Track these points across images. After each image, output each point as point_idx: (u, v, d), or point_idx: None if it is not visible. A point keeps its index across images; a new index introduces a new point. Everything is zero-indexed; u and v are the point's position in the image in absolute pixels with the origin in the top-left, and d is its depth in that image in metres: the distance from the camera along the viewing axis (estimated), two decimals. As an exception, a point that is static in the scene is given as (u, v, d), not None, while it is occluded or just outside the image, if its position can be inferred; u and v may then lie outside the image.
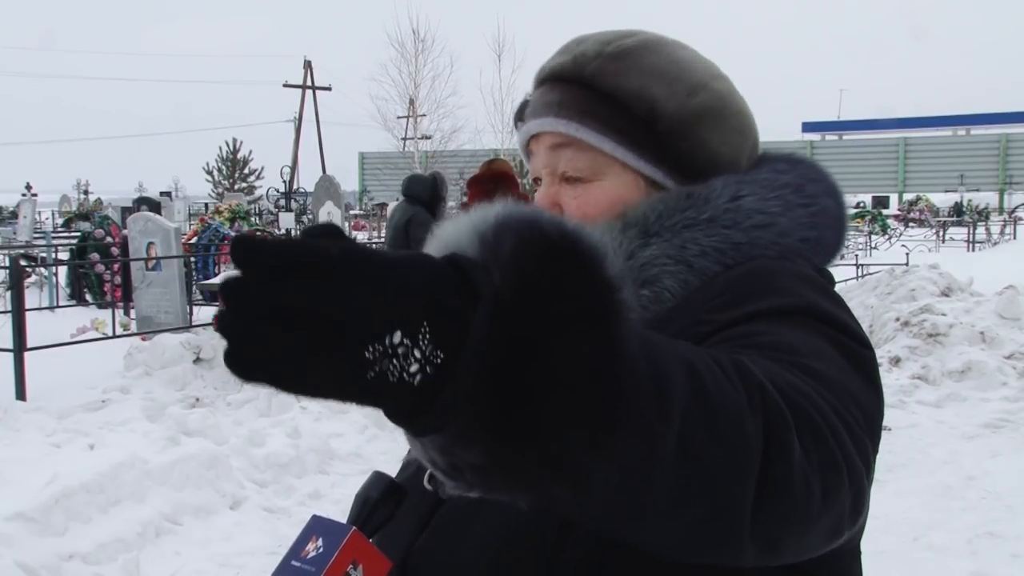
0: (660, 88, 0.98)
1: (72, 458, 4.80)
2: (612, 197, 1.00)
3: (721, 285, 0.94)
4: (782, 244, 0.98)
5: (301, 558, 1.00)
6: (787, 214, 0.99)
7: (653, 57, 0.99)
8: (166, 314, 9.58)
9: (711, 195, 0.98)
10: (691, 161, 0.99)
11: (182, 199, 34.22)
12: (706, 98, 1.00)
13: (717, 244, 0.96)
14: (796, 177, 1.02)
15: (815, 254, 1.01)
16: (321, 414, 6.47)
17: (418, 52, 28.75)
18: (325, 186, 21.66)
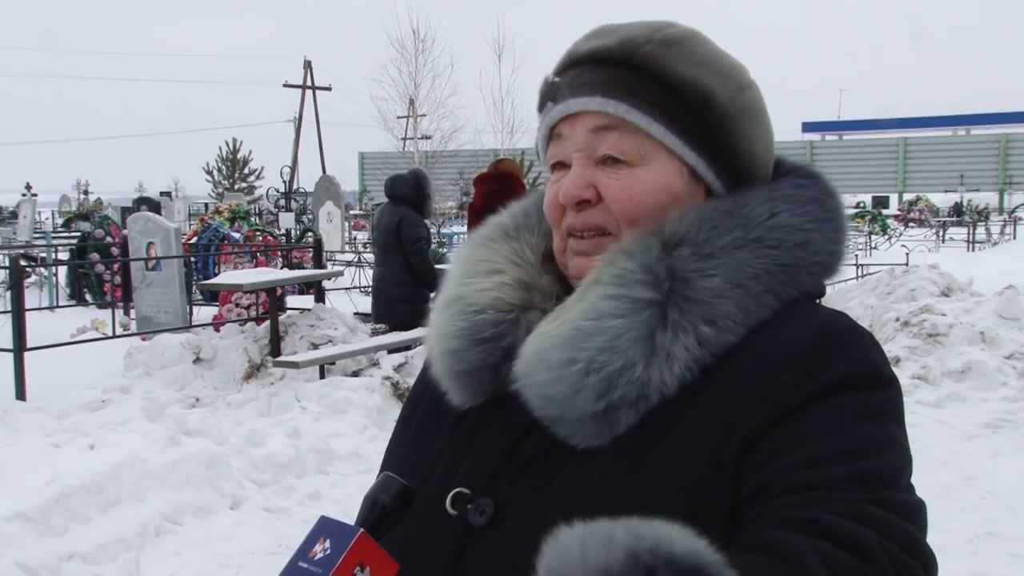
0: (714, 79, 0.97)
1: (72, 458, 4.79)
2: (659, 182, 0.97)
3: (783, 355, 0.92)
4: (818, 263, 0.99)
5: (308, 559, 1.00)
6: (818, 229, 0.99)
7: (701, 49, 0.99)
8: (166, 314, 9.57)
9: (751, 212, 0.96)
10: (733, 156, 0.99)
11: (182, 199, 34.22)
12: (752, 96, 1.01)
13: (768, 267, 0.95)
14: (817, 192, 1.01)
15: (836, 268, 1.02)
16: (321, 414, 6.47)
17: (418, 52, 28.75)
18: (325, 186, 21.65)
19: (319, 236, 12.48)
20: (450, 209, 35.23)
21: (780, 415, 0.87)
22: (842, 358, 0.91)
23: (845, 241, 1.02)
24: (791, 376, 0.89)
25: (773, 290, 0.94)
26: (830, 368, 0.90)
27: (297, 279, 10.14)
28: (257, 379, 7.78)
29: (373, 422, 6.58)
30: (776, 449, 0.86)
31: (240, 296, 9.37)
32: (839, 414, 0.88)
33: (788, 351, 0.92)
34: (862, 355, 0.94)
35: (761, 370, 0.90)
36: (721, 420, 0.88)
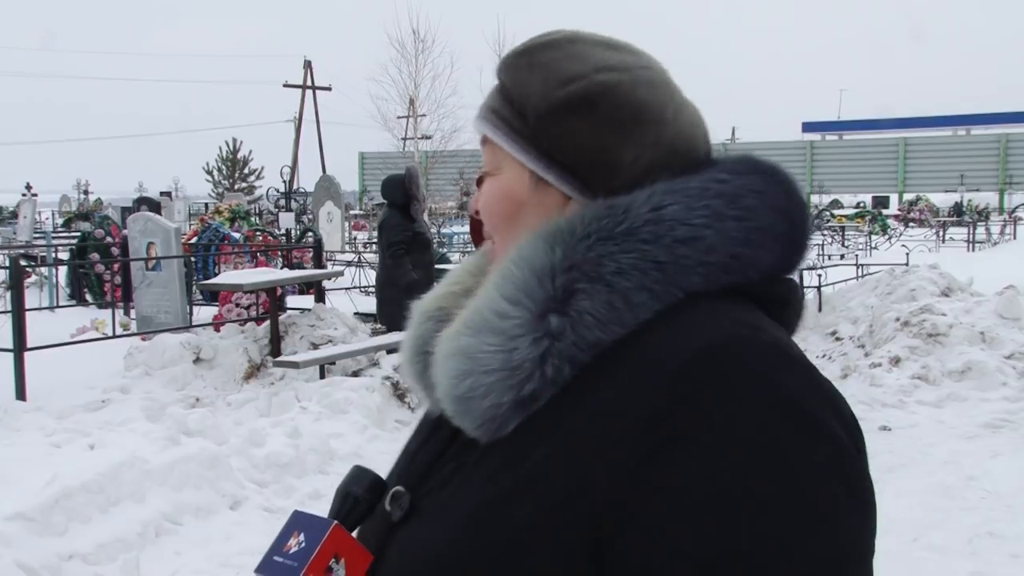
0: (537, 80, 0.96)
1: (72, 458, 4.80)
2: (502, 188, 0.99)
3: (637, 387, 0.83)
4: (709, 263, 0.89)
5: (283, 553, 1.00)
6: (715, 226, 0.90)
7: (550, 52, 0.97)
8: (166, 314, 9.58)
9: (632, 205, 0.90)
10: (563, 154, 0.94)
11: (182, 199, 34.22)
12: (578, 88, 0.93)
13: (636, 262, 0.88)
14: (736, 188, 0.92)
15: (749, 271, 0.91)
16: (321, 414, 6.47)
17: (418, 52, 28.72)
18: (325, 186, 21.66)
19: (319, 236, 12.48)
20: (450, 209, 35.24)
21: (627, 485, 0.80)
22: (714, 398, 0.81)
23: (768, 245, 0.92)
24: (640, 425, 0.81)
25: (647, 287, 0.87)
26: (686, 415, 0.80)
27: (297, 279, 10.15)
28: (257, 379, 7.78)
29: (373, 422, 6.59)
30: (623, 550, 0.80)
31: (240, 296, 9.37)
32: (696, 494, 0.78)
33: (643, 382, 0.83)
34: (753, 388, 0.82)
35: (616, 403, 0.83)
36: (580, 452, 0.83)
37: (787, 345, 0.87)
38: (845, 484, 0.82)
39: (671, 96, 0.97)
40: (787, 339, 0.90)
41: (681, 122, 0.97)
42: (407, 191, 8.23)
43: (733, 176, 0.94)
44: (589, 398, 0.85)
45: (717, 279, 0.89)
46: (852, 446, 0.84)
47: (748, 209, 0.91)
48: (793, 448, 0.80)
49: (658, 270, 0.88)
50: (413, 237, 8.15)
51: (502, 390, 0.87)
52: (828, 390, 0.86)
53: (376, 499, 1.07)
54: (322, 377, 7.51)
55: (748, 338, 0.85)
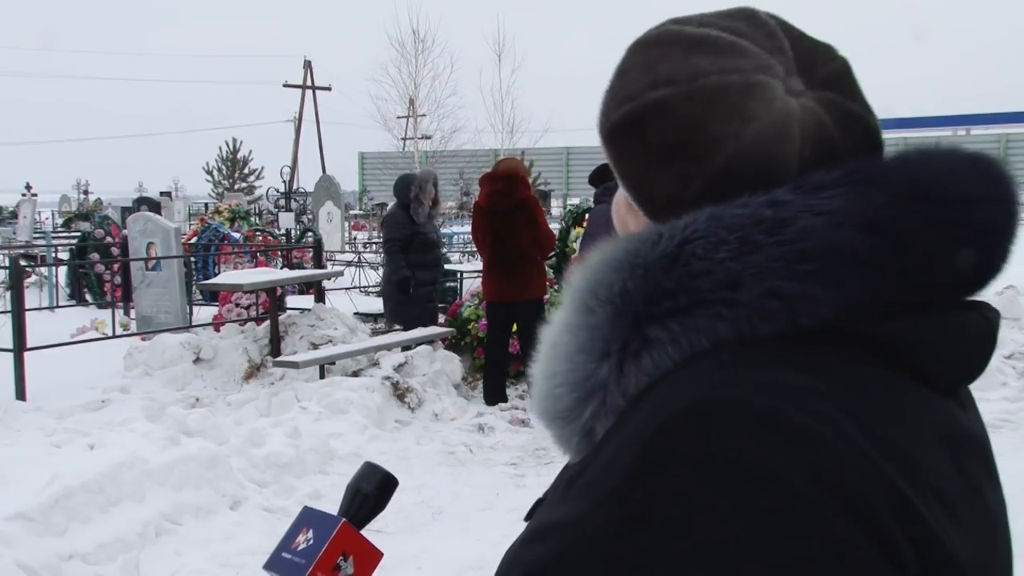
0: (608, 95, 0.89)
1: (72, 458, 4.79)
2: (616, 202, 0.95)
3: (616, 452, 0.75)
4: (739, 303, 0.75)
5: (292, 550, 1.00)
6: (743, 258, 0.75)
7: (637, 57, 0.88)
8: (166, 314, 9.57)
9: (661, 238, 0.79)
10: (626, 180, 0.86)
11: (182, 199, 34.20)
12: (628, 111, 0.84)
13: (640, 285, 0.78)
14: (793, 209, 0.75)
15: (804, 311, 0.74)
16: (321, 414, 6.47)
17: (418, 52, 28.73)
18: (325, 186, 21.64)
19: (319, 236, 12.48)
20: (450, 209, 35.23)
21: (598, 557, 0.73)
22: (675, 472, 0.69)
23: (833, 274, 0.73)
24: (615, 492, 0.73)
25: (669, 329, 0.76)
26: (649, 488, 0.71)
27: (297, 279, 10.15)
28: (257, 379, 7.78)
29: (373, 422, 6.58)
30: None
31: (240, 296, 9.37)
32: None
33: (628, 443, 0.74)
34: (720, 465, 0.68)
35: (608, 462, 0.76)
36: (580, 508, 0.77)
37: (795, 409, 0.70)
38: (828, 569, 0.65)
39: (743, 105, 0.79)
40: (814, 399, 0.71)
41: (751, 138, 0.79)
42: (411, 192, 8.20)
43: (802, 196, 0.76)
44: (596, 453, 0.80)
45: (755, 327, 0.75)
46: (846, 525, 0.66)
47: (800, 233, 0.74)
48: (760, 535, 0.66)
49: (669, 298, 0.77)
50: (412, 236, 8.13)
51: (561, 423, 0.84)
52: (840, 469, 0.68)
53: (385, 496, 1.07)
54: (322, 377, 7.51)
55: (733, 402, 0.70)
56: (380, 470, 1.08)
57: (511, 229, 7.40)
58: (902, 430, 0.73)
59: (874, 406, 0.72)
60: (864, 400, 0.72)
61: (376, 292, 12.19)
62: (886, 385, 0.75)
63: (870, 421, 0.71)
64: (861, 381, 0.74)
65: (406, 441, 6.57)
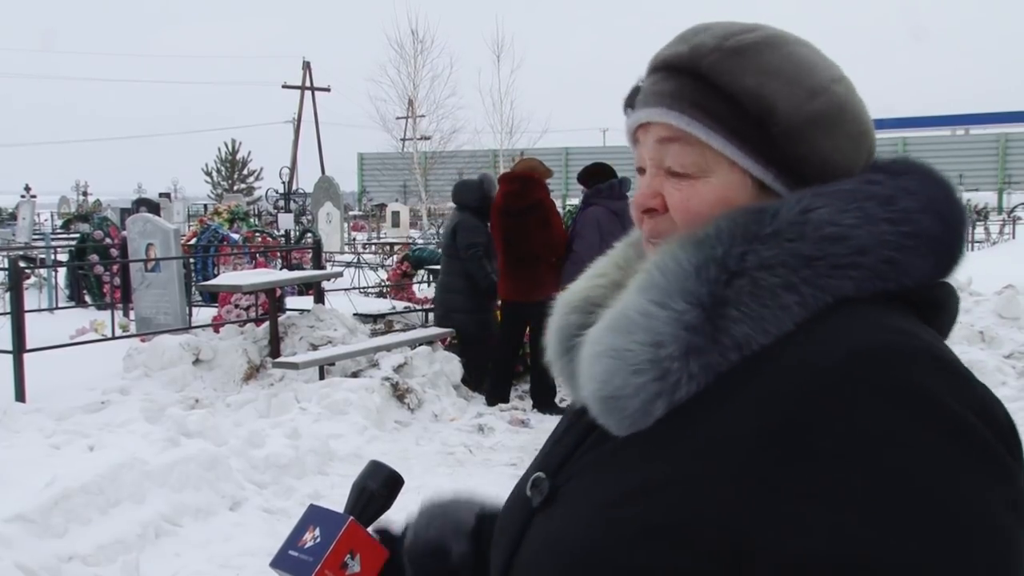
0: (779, 88, 0.92)
1: (71, 459, 4.79)
2: (719, 195, 0.93)
3: (780, 397, 0.80)
4: (862, 265, 0.86)
5: (299, 547, 1.00)
6: (865, 227, 0.87)
7: (773, 55, 0.93)
8: (165, 315, 9.57)
9: (781, 208, 0.88)
10: (802, 166, 0.92)
11: (181, 200, 34.18)
12: (824, 102, 0.92)
13: (783, 258, 0.86)
14: (891, 189, 0.90)
15: (904, 277, 0.88)
16: (320, 415, 6.47)
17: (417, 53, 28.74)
18: (324, 187, 21.63)
19: (318, 237, 12.47)
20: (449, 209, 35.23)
21: (765, 490, 0.77)
22: (864, 405, 0.77)
23: (919, 251, 0.88)
24: (781, 429, 0.78)
25: (794, 286, 0.85)
26: (831, 422, 0.77)
27: (296, 280, 10.14)
28: (256, 380, 7.77)
29: (373, 423, 6.58)
30: (764, 555, 0.77)
31: (239, 297, 9.36)
32: (843, 500, 0.75)
33: (786, 385, 0.81)
34: (906, 398, 0.78)
35: (754, 405, 0.81)
36: (713, 454, 0.81)
37: (942, 351, 0.83)
38: (1006, 499, 0.77)
39: (864, 103, 0.98)
40: (942, 345, 0.86)
41: (872, 126, 0.98)
42: (485, 194, 8.03)
43: (888, 177, 0.92)
44: (728, 400, 0.83)
45: (870, 284, 0.86)
46: (1011, 459, 0.79)
47: (904, 212, 0.89)
48: (951, 462, 0.76)
49: (806, 266, 0.86)
50: (489, 241, 7.93)
51: (649, 389, 0.86)
52: (986, 400, 0.81)
53: (392, 494, 1.07)
54: (321, 378, 7.51)
55: (901, 344, 0.81)
56: (385, 468, 1.09)
57: (523, 230, 7.38)
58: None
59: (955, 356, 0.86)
60: (951, 350, 0.86)
61: (376, 293, 12.19)
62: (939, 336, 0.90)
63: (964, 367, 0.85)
64: (935, 333, 0.89)
65: (406, 442, 6.57)
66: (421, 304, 10.75)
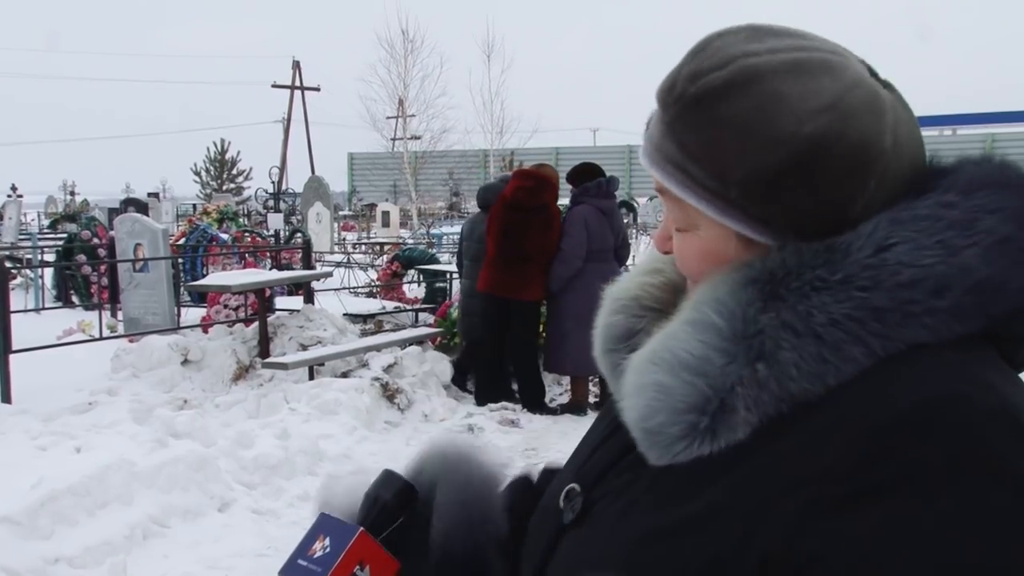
0: (733, 145, 0.82)
1: (58, 461, 4.76)
2: (706, 249, 0.88)
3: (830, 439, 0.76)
4: (940, 308, 0.78)
5: (308, 557, 0.98)
6: (948, 260, 0.79)
7: (733, 101, 0.83)
8: (154, 316, 9.52)
9: (852, 247, 0.80)
10: (783, 219, 0.83)
11: (170, 200, 34.10)
12: (786, 153, 0.81)
13: (851, 312, 0.79)
14: (967, 211, 0.81)
15: (991, 300, 0.79)
16: (310, 416, 6.44)
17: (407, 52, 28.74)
18: (314, 187, 21.62)
19: (308, 237, 12.44)
20: (440, 209, 35.20)
21: (805, 536, 0.74)
22: (928, 458, 0.72)
23: (1015, 260, 0.80)
24: (829, 476, 0.74)
25: (862, 340, 0.78)
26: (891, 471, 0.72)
27: (286, 280, 10.11)
28: (246, 380, 7.74)
29: (362, 423, 6.56)
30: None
31: (228, 297, 9.32)
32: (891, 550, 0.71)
33: (841, 431, 0.76)
34: (974, 455, 0.72)
35: (803, 450, 0.77)
36: (754, 497, 0.78)
37: (1016, 409, 0.76)
38: None
39: (883, 114, 0.83)
40: (1020, 400, 0.77)
41: (901, 143, 0.84)
42: None
43: (962, 197, 0.82)
44: (776, 443, 0.79)
45: (949, 331, 0.79)
46: None
47: (987, 232, 0.80)
48: (1005, 533, 0.70)
49: (877, 320, 0.79)
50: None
51: (693, 431, 0.82)
52: None
53: (404, 505, 1.05)
54: (311, 378, 7.48)
55: (973, 397, 0.75)
56: (399, 478, 1.07)
57: (525, 228, 7.38)
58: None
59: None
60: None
61: (366, 293, 12.17)
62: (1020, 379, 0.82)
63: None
64: (1016, 378, 0.81)
65: (396, 442, 6.55)
66: (411, 304, 10.73)
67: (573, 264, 7.31)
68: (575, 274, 7.31)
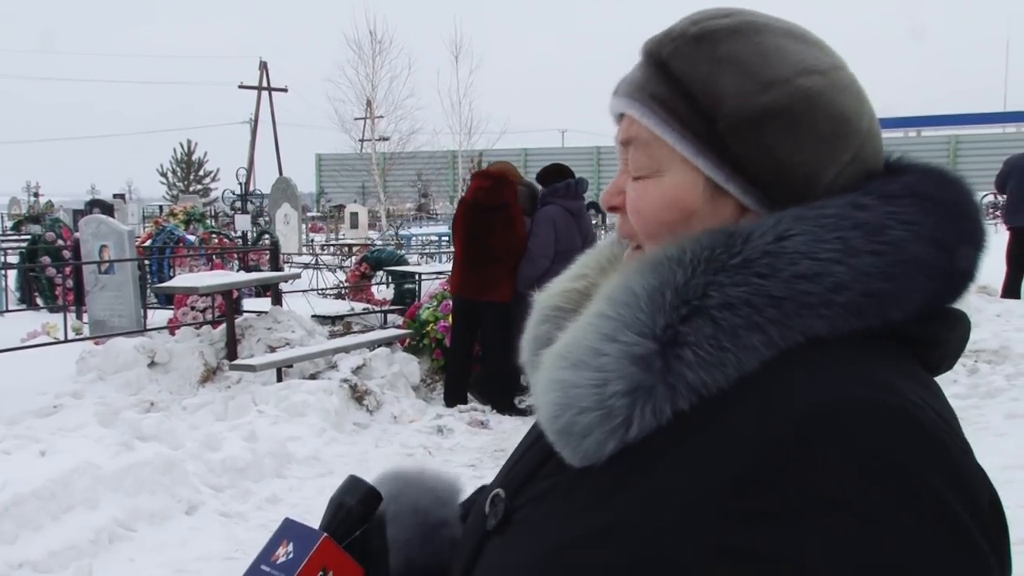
0: (731, 79, 0.83)
1: (23, 465, 4.71)
2: (669, 196, 0.87)
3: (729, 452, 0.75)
4: (836, 303, 0.78)
5: (271, 563, 0.98)
6: (847, 261, 0.79)
7: (736, 42, 0.85)
8: (120, 318, 9.44)
9: (753, 233, 0.80)
10: (755, 166, 0.83)
11: (136, 201, 33.78)
12: (781, 95, 0.83)
13: (748, 297, 0.78)
14: (879, 216, 0.81)
15: (890, 312, 0.80)
16: (278, 418, 6.42)
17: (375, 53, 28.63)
18: (282, 188, 21.48)
19: (276, 238, 12.38)
20: (408, 211, 35.11)
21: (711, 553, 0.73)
22: (820, 472, 0.71)
23: (914, 278, 0.80)
24: (730, 490, 0.73)
25: (759, 327, 0.78)
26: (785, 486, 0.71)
27: (254, 282, 10.05)
28: (213, 383, 7.70)
29: (331, 425, 6.54)
30: None
31: (195, 299, 9.26)
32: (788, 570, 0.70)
33: (740, 440, 0.75)
34: (869, 466, 0.71)
35: (707, 459, 0.76)
36: (662, 508, 0.77)
37: (920, 410, 0.75)
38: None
39: (865, 100, 0.87)
40: (923, 398, 0.77)
41: (874, 133, 0.87)
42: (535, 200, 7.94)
43: (880, 201, 0.82)
44: (681, 448, 0.77)
45: (846, 324, 0.79)
46: (983, 542, 0.72)
47: (892, 244, 0.80)
48: (911, 544, 0.69)
49: (774, 306, 0.78)
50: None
51: (598, 429, 0.80)
52: (964, 471, 0.74)
53: (369, 511, 1.05)
54: (279, 380, 7.45)
55: (870, 403, 0.73)
56: (364, 484, 1.07)
57: (488, 228, 7.39)
58: (959, 428, 0.80)
59: (946, 406, 0.80)
60: (938, 400, 0.80)
61: (335, 294, 12.12)
62: (930, 380, 0.83)
63: (951, 421, 0.79)
64: (924, 379, 0.81)
65: (365, 444, 6.54)
66: (380, 306, 10.71)
67: (541, 264, 7.33)
68: (543, 274, 7.33)
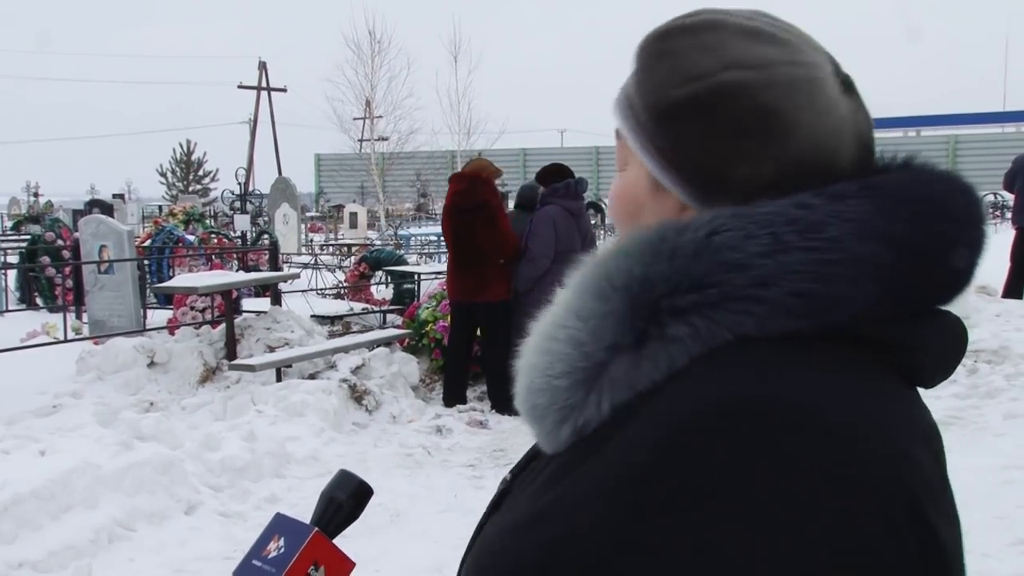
0: (659, 75, 0.85)
1: (22, 465, 4.71)
2: (625, 188, 0.91)
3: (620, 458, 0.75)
4: (764, 299, 0.76)
5: (262, 557, 0.99)
6: (775, 256, 0.76)
7: (682, 39, 0.86)
8: (119, 318, 9.44)
9: (688, 228, 0.79)
10: (679, 160, 0.84)
11: (135, 201, 33.77)
12: (696, 88, 0.82)
13: (667, 274, 0.78)
14: (823, 214, 0.78)
15: (825, 308, 0.76)
16: (277, 417, 6.42)
17: (374, 53, 28.59)
18: (281, 188, 21.49)
19: (275, 238, 12.38)
20: (407, 211, 35.09)
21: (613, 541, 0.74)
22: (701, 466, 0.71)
23: (851, 278, 0.76)
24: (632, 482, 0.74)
25: (682, 314, 0.77)
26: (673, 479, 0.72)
27: (253, 282, 10.05)
28: (212, 382, 7.70)
29: (330, 425, 6.54)
30: None
31: (195, 299, 9.26)
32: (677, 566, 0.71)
33: (644, 434, 0.75)
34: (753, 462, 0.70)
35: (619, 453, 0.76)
36: (581, 496, 0.78)
37: (833, 411, 0.72)
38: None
39: (813, 98, 0.82)
40: (850, 403, 0.74)
41: (819, 131, 0.82)
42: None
43: (827, 201, 0.79)
44: (610, 440, 0.78)
45: (776, 324, 0.76)
46: (896, 552, 0.70)
47: (830, 240, 0.76)
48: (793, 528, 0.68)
49: (695, 291, 0.77)
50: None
51: (550, 411, 0.83)
52: (873, 476, 0.71)
53: (360, 505, 1.05)
54: (278, 380, 7.45)
55: (768, 399, 0.72)
56: (355, 478, 1.07)
57: (470, 229, 7.40)
58: (906, 429, 0.76)
59: (884, 406, 0.76)
60: (876, 400, 0.76)
61: (334, 294, 12.12)
62: (885, 384, 0.78)
63: (883, 421, 0.74)
64: (869, 381, 0.77)
65: (364, 444, 6.54)
66: (379, 305, 10.71)
67: (541, 264, 7.33)
68: (543, 274, 7.33)
